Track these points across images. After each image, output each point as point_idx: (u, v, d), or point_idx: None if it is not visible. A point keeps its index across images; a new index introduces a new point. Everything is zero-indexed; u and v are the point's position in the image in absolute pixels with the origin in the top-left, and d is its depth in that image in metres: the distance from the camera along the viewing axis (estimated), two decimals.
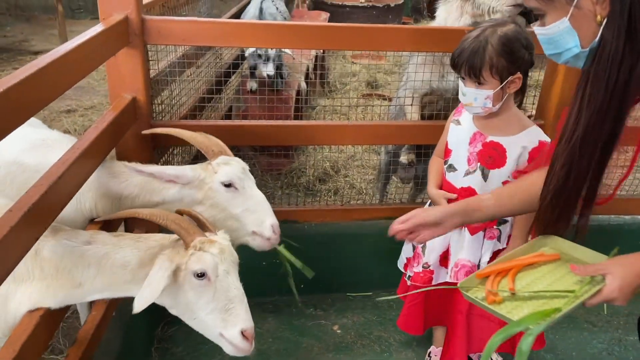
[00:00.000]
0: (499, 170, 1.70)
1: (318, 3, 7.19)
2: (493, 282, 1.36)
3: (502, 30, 1.56)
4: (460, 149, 1.75)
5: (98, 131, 1.64)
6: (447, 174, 1.80)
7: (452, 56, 1.62)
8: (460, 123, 1.76)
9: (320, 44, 2.14)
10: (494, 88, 1.58)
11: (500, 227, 1.78)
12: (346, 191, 3.34)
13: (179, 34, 1.95)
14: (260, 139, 2.23)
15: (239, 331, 1.39)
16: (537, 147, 1.69)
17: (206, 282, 1.37)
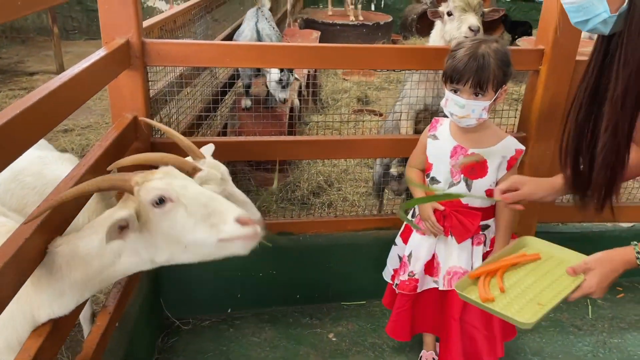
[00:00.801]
0: (481, 179, 1.81)
1: (309, 21, 7.36)
2: (484, 281, 1.51)
3: (494, 45, 1.68)
4: (442, 163, 1.85)
5: (102, 149, 1.73)
6: (431, 186, 1.89)
7: (454, 70, 1.68)
8: (438, 138, 1.87)
9: (313, 63, 2.25)
10: (490, 99, 1.69)
11: (485, 232, 1.89)
12: (339, 204, 3.43)
13: (177, 56, 2.05)
14: (255, 155, 2.32)
15: (233, 221, 1.23)
16: (515, 155, 1.83)
17: (170, 205, 1.25)
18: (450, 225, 1.84)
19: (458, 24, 2.24)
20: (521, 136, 2.41)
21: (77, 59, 5.63)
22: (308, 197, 3.47)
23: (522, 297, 1.45)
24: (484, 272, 1.54)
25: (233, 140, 2.25)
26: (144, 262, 1.33)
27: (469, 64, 1.65)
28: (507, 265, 1.55)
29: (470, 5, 2.24)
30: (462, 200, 1.82)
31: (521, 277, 1.52)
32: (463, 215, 1.82)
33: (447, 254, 1.88)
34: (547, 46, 2.24)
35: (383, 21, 7.57)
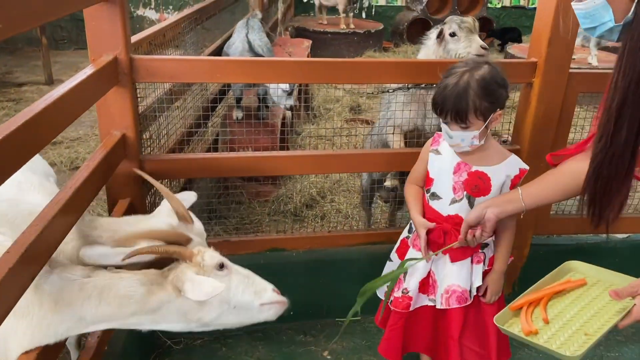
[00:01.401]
0: (484, 197, 1.77)
1: (300, 30, 7.35)
2: (527, 313, 1.43)
3: (478, 74, 1.63)
4: (444, 178, 1.81)
5: (89, 170, 1.69)
6: (431, 202, 1.86)
7: (435, 103, 1.68)
8: (440, 153, 1.83)
9: (303, 78, 2.22)
10: (479, 128, 1.66)
11: (484, 251, 1.85)
12: (333, 216, 3.41)
13: (166, 72, 2.01)
14: (247, 170, 2.28)
15: (271, 290, 1.55)
16: (518, 174, 1.80)
17: (226, 271, 1.49)
18: (450, 243, 1.80)
19: (466, 43, 2.34)
20: (515, 149, 2.39)
21: (67, 69, 5.63)
22: (301, 210, 3.44)
23: (567, 328, 1.37)
24: (526, 303, 1.45)
25: (224, 157, 2.22)
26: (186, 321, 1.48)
27: (447, 97, 1.63)
28: (550, 294, 1.47)
29: (475, 28, 2.39)
30: (463, 217, 1.77)
31: (566, 305, 1.44)
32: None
33: (445, 272, 1.85)
34: (540, 58, 2.23)
35: (374, 29, 7.58)
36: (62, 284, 1.39)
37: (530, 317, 1.41)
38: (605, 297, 1.40)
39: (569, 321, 1.38)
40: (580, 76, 2.31)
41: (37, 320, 1.38)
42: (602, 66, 5.82)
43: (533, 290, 1.49)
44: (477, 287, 1.84)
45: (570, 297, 1.46)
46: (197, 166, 2.20)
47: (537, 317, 1.41)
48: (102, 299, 1.40)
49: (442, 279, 1.86)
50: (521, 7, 9.38)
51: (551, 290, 1.47)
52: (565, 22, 2.10)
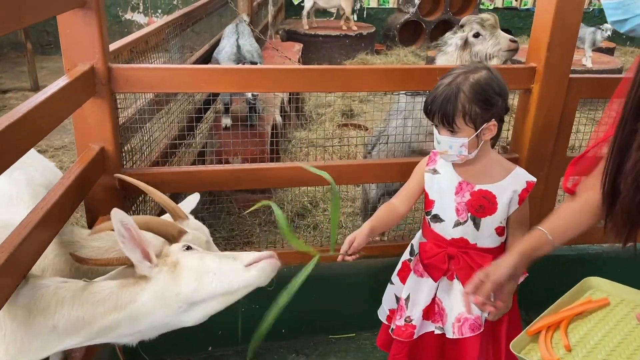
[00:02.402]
0: (491, 217, 1.66)
1: (291, 33, 7.26)
2: (546, 338, 1.32)
3: (474, 77, 1.53)
4: (445, 199, 1.69)
5: (64, 187, 1.57)
6: (433, 225, 1.74)
7: (425, 103, 1.58)
8: (439, 172, 1.71)
9: (293, 86, 2.12)
10: (468, 136, 1.55)
11: None
12: (325, 226, 3.30)
13: (147, 81, 1.90)
14: (235, 183, 2.18)
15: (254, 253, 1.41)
16: (526, 188, 1.67)
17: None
18: (458, 268, 1.68)
19: (494, 40, 2.24)
20: (513, 157, 2.30)
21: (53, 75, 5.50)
22: (293, 219, 3.34)
23: (592, 356, 1.25)
24: (545, 326, 1.34)
25: (210, 169, 2.11)
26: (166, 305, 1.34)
27: (436, 97, 1.53)
28: (571, 316, 1.35)
29: (496, 24, 2.30)
30: (469, 240, 1.68)
31: (589, 329, 1.33)
32: (472, 257, 1.67)
33: (454, 299, 1.72)
34: (540, 64, 2.14)
35: (366, 31, 7.50)
36: (36, 292, 1.32)
37: (550, 342, 1.30)
38: (632, 321, 1.30)
39: (594, 349, 1.27)
40: (582, 82, 2.22)
41: (10, 333, 1.29)
42: (596, 67, 5.77)
43: (552, 312, 1.38)
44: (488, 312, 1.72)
45: (593, 320, 1.35)
46: (183, 179, 2.09)
47: (558, 343, 1.30)
48: (75, 301, 1.31)
49: (451, 307, 1.73)
50: (513, 8, 9.33)
51: (572, 312, 1.36)
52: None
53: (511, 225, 1.70)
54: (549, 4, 2.06)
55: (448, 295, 1.74)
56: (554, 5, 2.04)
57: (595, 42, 5.80)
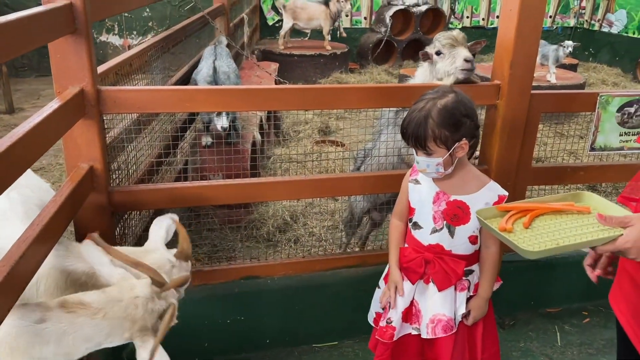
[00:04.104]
0: (464, 226, 1.78)
1: (267, 53, 7.39)
2: (511, 216, 1.41)
3: (441, 103, 1.65)
4: (424, 208, 1.82)
5: (57, 205, 1.64)
6: (413, 231, 1.86)
7: (401, 127, 1.71)
8: (420, 182, 1.84)
9: (272, 105, 2.23)
10: (442, 156, 1.67)
11: (469, 277, 1.85)
12: (306, 239, 3.39)
13: (134, 103, 1.99)
14: (219, 199, 2.26)
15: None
16: (497, 201, 1.78)
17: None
18: (433, 272, 1.80)
19: (451, 59, 2.27)
20: (483, 169, 2.44)
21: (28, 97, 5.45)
22: (274, 234, 3.42)
23: (542, 234, 1.33)
24: (517, 209, 1.42)
25: (193, 186, 2.19)
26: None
27: (409, 123, 1.67)
28: (545, 209, 1.41)
29: (457, 41, 2.30)
30: (444, 247, 1.79)
31: (553, 220, 1.39)
32: (447, 262, 1.79)
33: (430, 301, 1.84)
34: (503, 81, 2.30)
35: (340, 50, 7.68)
36: (16, 331, 1.36)
37: (512, 219, 1.39)
38: (596, 222, 1.33)
39: (547, 230, 1.35)
40: (542, 97, 2.39)
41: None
42: (560, 83, 6.03)
43: (531, 202, 1.47)
44: (461, 314, 1.82)
45: (563, 218, 1.40)
46: (168, 196, 2.17)
47: (519, 222, 1.39)
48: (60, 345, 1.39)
49: (426, 308, 1.84)
50: (481, 27, 9.67)
51: (549, 207, 1.42)
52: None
53: (483, 236, 1.82)
54: (509, 26, 2.23)
55: (424, 297, 1.85)
56: (514, 27, 2.20)
57: (559, 59, 6.07)
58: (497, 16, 9.49)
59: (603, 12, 9.56)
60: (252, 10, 7.55)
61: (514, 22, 2.20)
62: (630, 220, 1.24)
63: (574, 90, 6.15)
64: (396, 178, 2.03)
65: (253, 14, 7.77)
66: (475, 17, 9.62)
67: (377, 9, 8.92)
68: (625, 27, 9.09)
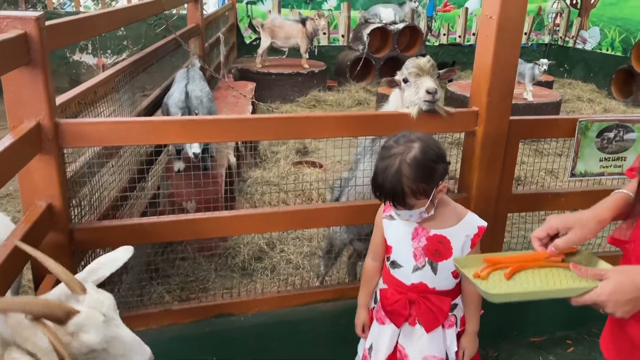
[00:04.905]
0: (447, 261, 1.70)
1: (244, 71, 7.31)
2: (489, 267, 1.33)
3: (410, 157, 1.55)
4: (403, 245, 1.73)
5: (9, 249, 1.52)
6: (392, 271, 1.76)
7: (373, 188, 1.61)
8: (395, 218, 1.74)
9: (246, 135, 2.13)
10: (424, 205, 1.60)
11: (455, 312, 1.78)
12: (283, 268, 3.29)
13: (96, 136, 1.88)
14: (188, 234, 2.15)
15: None
16: (477, 232, 1.73)
17: None
18: (419, 313, 1.71)
19: (415, 89, 2.19)
20: (462, 196, 2.39)
21: None
22: (249, 263, 3.30)
23: (514, 281, 1.27)
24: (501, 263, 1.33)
25: (163, 221, 2.08)
26: None
27: (382, 185, 1.57)
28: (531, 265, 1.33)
29: (423, 70, 2.21)
30: (428, 285, 1.71)
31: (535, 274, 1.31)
32: (432, 301, 1.70)
33: (417, 344, 1.74)
34: (481, 108, 2.25)
35: (318, 69, 7.64)
36: None
37: (490, 270, 1.32)
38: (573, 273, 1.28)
39: (522, 278, 1.29)
40: (521, 123, 2.34)
41: None
42: (537, 101, 6.07)
43: (518, 254, 1.40)
44: (455, 352, 1.74)
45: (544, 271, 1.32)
46: (134, 232, 2.06)
47: (499, 273, 1.31)
48: None
49: (414, 351, 1.75)
50: (457, 44, 9.75)
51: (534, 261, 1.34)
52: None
53: None
54: (486, 53, 2.18)
55: (410, 340, 1.76)
56: (491, 53, 2.15)
57: (535, 77, 6.11)
58: (474, 33, 9.59)
59: (577, 29, 9.73)
60: (229, 28, 7.48)
61: (491, 49, 2.16)
62: (606, 273, 1.18)
63: (551, 106, 6.20)
64: (375, 208, 1.94)
65: (230, 33, 7.71)
66: (452, 34, 9.70)
67: (354, 26, 8.94)
68: (598, 44, 9.26)
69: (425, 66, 2.20)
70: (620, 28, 8.83)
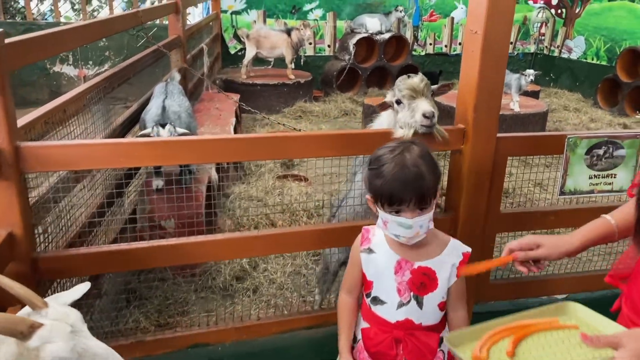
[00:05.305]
0: (433, 293, 1.60)
1: (229, 83, 7.22)
2: (487, 342, 1.22)
3: (417, 151, 1.50)
4: (385, 280, 1.62)
5: None
6: (374, 308, 1.65)
7: (393, 193, 1.47)
8: (374, 251, 1.64)
9: (222, 157, 2.03)
10: (433, 208, 1.52)
11: (442, 348, 1.67)
12: (266, 288, 3.17)
13: (60, 160, 1.77)
14: (163, 260, 2.04)
15: None
16: (463, 259, 1.64)
17: None
18: (407, 352, 1.60)
19: (410, 112, 2.05)
20: (449, 217, 2.30)
21: None
22: (230, 284, 3.19)
23: None
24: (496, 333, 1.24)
25: (136, 248, 1.96)
26: None
27: (407, 183, 1.45)
28: (528, 330, 1.25)
29: (417, 91, 2.06)
30: (414, 321, 1.61)
31: (539, 345, 1.22)
32: (419, 338, 1.60)
33: None
34: (468, 125, 2.17)
35: (303, 79, 7.57)
36: None
37: (488, 345, 1.22)
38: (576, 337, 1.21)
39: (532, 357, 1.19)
40: (509, 140, 2.26)
41: None
42: (524, 112, 6.03)
43: (513, 320, 1.31)
44: None
45: (548, 338, 1.25)
46: (104, 260, 1.94)
47: (499, 349, 1.20)
48: None
49: None
50: (444, 54, 9.74)
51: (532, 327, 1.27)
52: None
53: (451, 298, 1.66)
54: (472, 68, 2.10)
55: None
56: (477, 68, 2.08)
57: (521, 87, 6.09)
58: (460, 43, 9.58)
59: (562, 39, 9.77)
60: (212, 39, 7.38)
61: (477, 64, 2.08)
62: (620, 340, 1.11)
63: (538, 117, 6.17)
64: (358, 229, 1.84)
65: (214, 43, 7.61)
66: (438, 44, 9.69)
67: (340, 36, 8.89)
68: (584, 53, 9.29)
69: (419, 86, 2.06)
70: (605, 37, 8.87)
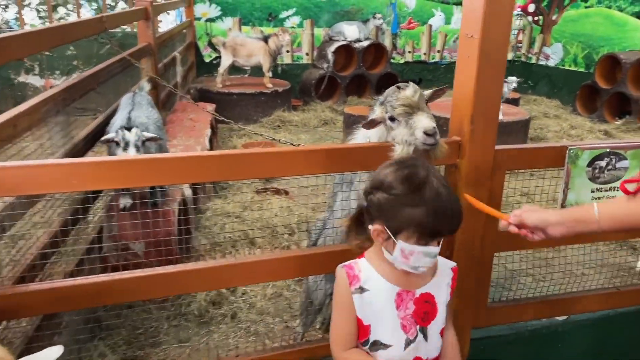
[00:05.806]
0: (434, 321, 1.46)
1: (204, 92, 6.98)
2: None
3: (437, 173, 1.42)
4: (385, 319, 1.42)
5: None
6: (375, 354, 1.44)
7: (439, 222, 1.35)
8: (367, 289, 1.43)
9: (193, 177, 1.80)
10: None
11: None
12: (244, 314, 2.94)
13: (4, 184, 1.52)
14: (131, 295, 1.80)
15: None
16: (453, 276, 1.54)
17: None
18: None
19: (408, 129, 1.81)
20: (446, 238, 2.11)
21: None
22: (207, 309, 2.94)
23: None
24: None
25: (96, 282, 1.72)
26: None
27: (454, 217, 1.38)
28: None
29: (412, 106, 1.82)
30: (422, 357, 1.46)
31: None
32: None
33: None
34: (464, 138, 1.99)
35: (282, 88, 7.37)
36: None
37: None
38: None
39: None
40: (507, 153, 2.09)
41: None
42: (507, 119, 5.92)
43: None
44: None
45: None
46: (58, 296, 1.70)
47: None
48: None
49: None
50: (422, 62, 9.64)
51: None
52: None
53: (446, 317, 1.54)
54: (468, 75, 1.93)
55: None
56: (474, 76, 1.90)
57: (504, 95, 5.99)
58: (438, 51, 9.50)
59: (539, 46, 9.77)
60: (186, 47, 7.14)
61: (473, 71, 1.90)
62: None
63: (521, 124, 6.08)
64: (350, 252, 1.62)
65: (187, 52, 7.37)
66: (417, 51, 9.59)
67: (318, 44, 8.72)
68: (562, 60, 9.30)
69: (414, 100, 1.83)
70: (582, 44, 8.88)
